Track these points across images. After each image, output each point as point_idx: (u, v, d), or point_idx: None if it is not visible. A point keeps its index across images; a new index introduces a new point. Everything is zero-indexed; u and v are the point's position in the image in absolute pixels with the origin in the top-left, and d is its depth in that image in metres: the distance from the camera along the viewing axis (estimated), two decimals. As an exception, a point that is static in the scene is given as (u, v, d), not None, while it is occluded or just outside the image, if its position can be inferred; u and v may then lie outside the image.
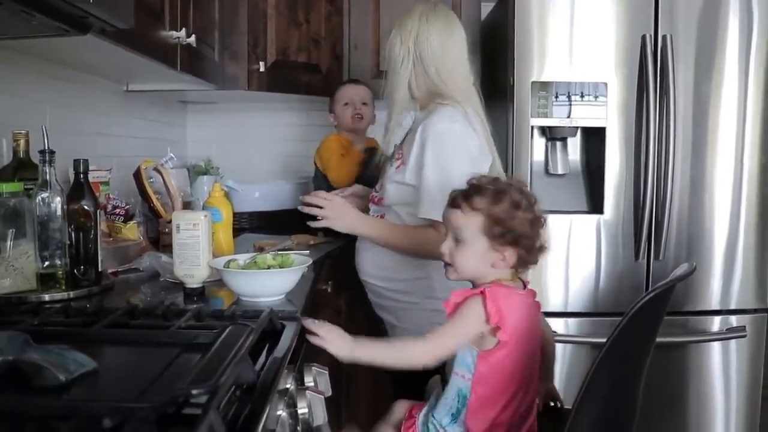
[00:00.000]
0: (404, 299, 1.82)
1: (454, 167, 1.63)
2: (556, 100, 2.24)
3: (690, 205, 2.29)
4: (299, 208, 1.78)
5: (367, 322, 2.08)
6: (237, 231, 2.44)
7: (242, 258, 1.40)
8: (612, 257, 2.29)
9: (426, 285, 1.78)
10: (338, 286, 2.14)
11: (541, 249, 1.29)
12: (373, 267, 1.87)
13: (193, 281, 1.36)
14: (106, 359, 0.93)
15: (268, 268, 1.35)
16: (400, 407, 1.47)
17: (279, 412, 0.92)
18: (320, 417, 1.05)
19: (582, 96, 2.24)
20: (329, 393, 1.10)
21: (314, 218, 1.77)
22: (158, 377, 0.84)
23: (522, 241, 1.25)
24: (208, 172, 2.73)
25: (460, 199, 1.29)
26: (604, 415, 0.92)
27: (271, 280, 1.30)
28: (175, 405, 0.70)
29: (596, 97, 2.24)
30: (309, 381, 1.08)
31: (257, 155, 3.10)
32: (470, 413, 1.27)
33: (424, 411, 1.39)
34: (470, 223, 1.26)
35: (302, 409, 1.03)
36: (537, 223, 1.27)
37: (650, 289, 2.31)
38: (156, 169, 1.84)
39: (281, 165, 3.08)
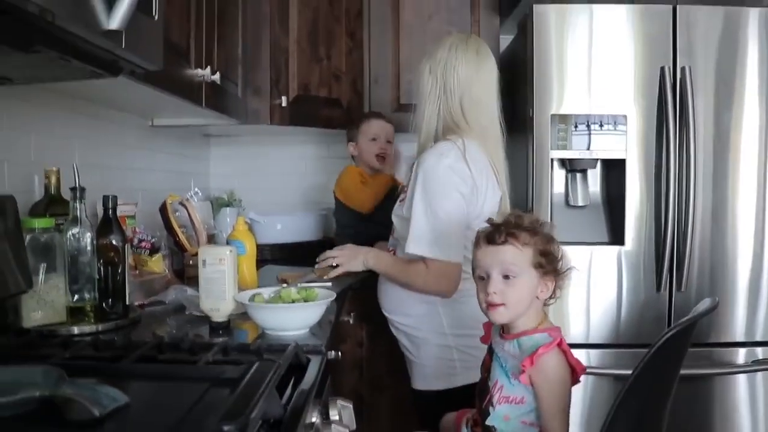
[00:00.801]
0: (416, 334, 1.85)
1: (438, 203, 1.68)
2: (576, 130, 2.25)
3: (712, 235, 2.28)
4: (316, 267, 1.95)
5: (388, 354, 2.09)
6: (260, 263, 2.47)
7: (267, 292, 1.42)
8: (633, 289, 2.28)
9: (435, 321, 1.81)
10: (360, 317, 2.16)
11: (563, 280, 1.31)
12: (389, 300, 1.90)
13: (219, 315, 1.38)
14: (136, 394, 0.94)
15: (293, 302, 1.36)
16: None
17: (305, 447, 0.93)
18: (345, 450, 1.07)
19: (601, 125, 2.25)
20: (353, 427, 1.11)
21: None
22: (188, 412, 0.85)
23: (558, 273, 1.30)
24: (231, 204, 2.77)
25: (504, 236, 1.28)
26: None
27: (295, 314, 1.32)
28: (206, 441, 0.71)
29: (615, 126, 2.25)
30: (334, 415, 1.09)
31: (278, 188, 3.13)
32: None
33: None
34: (523, 257, 1.27)
35: (328, 443, 1.05)
36: (563, 258, 1.31)
37: (673, 322, 2.34)
38: (182, 203, 1.88)
39: (302, 197, 3.12)
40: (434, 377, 1.81)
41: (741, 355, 2.31)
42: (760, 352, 2.30)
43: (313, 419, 1.01)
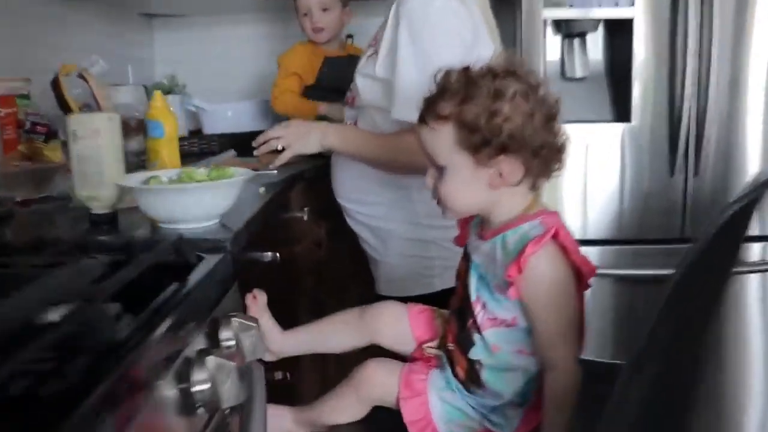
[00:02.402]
0: (382, 225, 1.51)
1: (435, 53, 1.27)
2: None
3: (731, 109, 1.91)
4: (255, 153, 1.54)
5: (354, 256, 1.76)
6: (205, 155, 2.13)
7: (168, 174, 1.07)
8: (640, 173, 1.94)
9: (407, 208, 1.46)
10: (317, 213, 1.81)
11: (560, 150, 0.93)
12: (348, 187, 1.55)
13: (100, 205, 1.04)
14: None
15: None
16: (379, 372, 1.06)
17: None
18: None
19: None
20: (258, 356, 0.78)
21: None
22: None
23: (517, 144, 0.88)
24: (173, 91, 2.38)
25: (425, 110, 0.94)
26: (662, 374, 0.63)
27: (194, 199, 0.97)
28: None
29: (622, -20, 1.85)
30: (228, 339, 0.76)
31: (230, 73, 2.73)
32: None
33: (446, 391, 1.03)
34: (441, 139, 0.91)
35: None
36: (540, 113, 0.89)
37: (689, 212, 2.00)
38: (81, 76, 1.49)
39: (257, 83, 2.71)
40: (405, 280, 1.49)
41: (755, 251, 1.99)
42: (779, 247, 1.99)
43: (191, 347, 0.69)
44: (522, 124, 0.88)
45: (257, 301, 1.13)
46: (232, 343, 0.74)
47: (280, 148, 1.50)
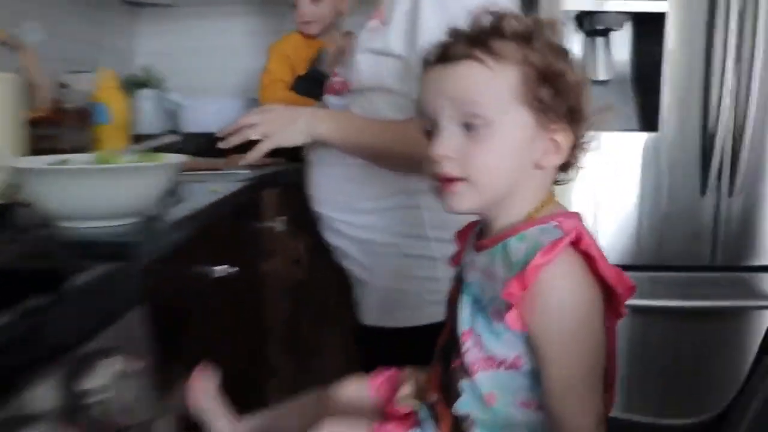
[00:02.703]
0: (377, 238, 1.21)
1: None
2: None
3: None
4: (221, 145, 1.19)
5: (342, 277, 1.51)
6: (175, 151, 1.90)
7: (81, 159, 0.83)
8: (665, 190, 1.70)
9: (411, 216, 1.18)
10: (295, 223, 1.58)
11: (588, 142, 0.72)
12: (332, 191, 1.25)
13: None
14: None
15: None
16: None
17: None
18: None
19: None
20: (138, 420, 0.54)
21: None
22: None
23: (578, 114, 0.69)
24: (148, 84, 2.15)
25: (469, 46, 0.69)
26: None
27: (98, 188, 0.72)
28: None
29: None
30: (94, 391, 0.51)
31: (216, 71, 2.50)
32: None
33: None
34: (496, 83, 0.67)
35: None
36: (587, 89, 0.70)
37: (721, 236, 1.76)
38: (5, 43, 1.25)
39: (245, 83, 2.49)
40: (404, 307, 1.20)
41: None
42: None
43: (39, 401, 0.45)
44: (582, 95, 0.69)
45: (204, 386, 0.88)
46: (100, 398, 0.50)
47: (254, 138, 1.16)
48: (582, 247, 0.64)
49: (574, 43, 1.74)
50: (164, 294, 0.77)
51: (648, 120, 1.70)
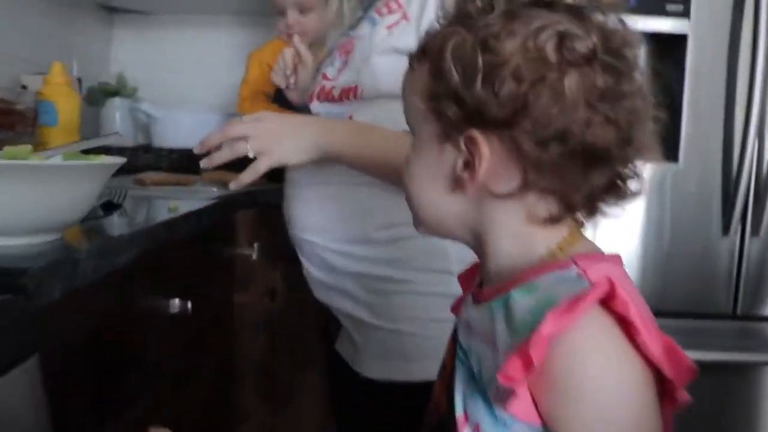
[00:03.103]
0: (383, 273, 1.00)
1: None
2: None
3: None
4: (203, 164, 0.97)
5: (320, 313, 1.32)
6: (145, 168, 1.73)
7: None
8: (686, 228, 1.55)
9: (432, 248, 0.97)
10: (272, 252, 1.40)
11: (628, 177, 0.53)
12: (324, 216, 1.03)
13: None
14: None
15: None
16: None
17: None
18: None
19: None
20: None
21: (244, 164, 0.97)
22: None
23: (525, 132, 0.49)
24: (120, 93, 1.98)
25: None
26: None
27: (12, 193, 0.54)
28: None
29: (676, -12, 1.49)
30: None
31: (196, 84, 2.34)
32: None
33: None
34: (414, 88, 0.55)
35: None
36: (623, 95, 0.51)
37: (744, 280, 1.61)
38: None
39: (226, 97, 2.32)
40: (420, 357, 0.97)
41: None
42: None
43: None
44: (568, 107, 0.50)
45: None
46: None
47: (251, 155, 0.95)
48: (616, 306, 0.46)
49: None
50: (79, 339, 0.59)
51: (667, 151, 1.54)
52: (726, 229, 1.52)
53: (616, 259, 0.53)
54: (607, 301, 0.46)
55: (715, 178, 1.53)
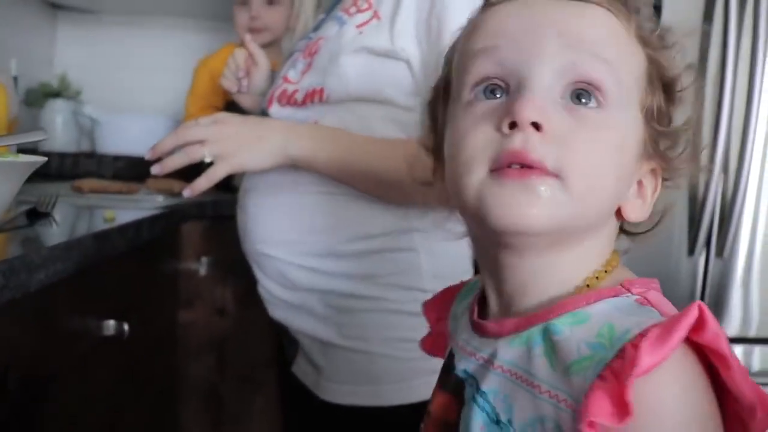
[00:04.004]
0: (348, 290, 0.92)
1: None
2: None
3: None
4: (154, 171, 0.88)
5: (273, 333, 1.22)
6: (87, 175, 1.61)
7: None
8: (652, 249, 1.51)
9: (404, 262, 0.91)
10: (222, 266, 1.31)
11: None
12: (283, 228, 0.95)
13: None
14: None
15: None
16: None
17: None
18: None
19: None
20: None
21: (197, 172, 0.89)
22: None
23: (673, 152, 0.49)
24: (61, 95, 1.86)
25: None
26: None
27: None
28: None
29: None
30: None
31: (144, 88, 2.22)
32: None
33: None
34: (632, 62, 0.46)
35: None
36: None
37: (707, 300, 1.59)
38: None
39: (176, 102, 2.21)
40: (388, 380, 0.91)
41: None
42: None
43: None
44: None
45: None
46: None
47: (208, 160, 0.87)
48: (703, 339, 0.39)
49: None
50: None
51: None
52: (691, 250, 1.50)
53: (656, 283, 0.47)
54: (690, 341, 0.39)
55: (682, 201, 1.50)
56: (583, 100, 0.44)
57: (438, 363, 0.56)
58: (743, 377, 0.40)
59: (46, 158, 0.60)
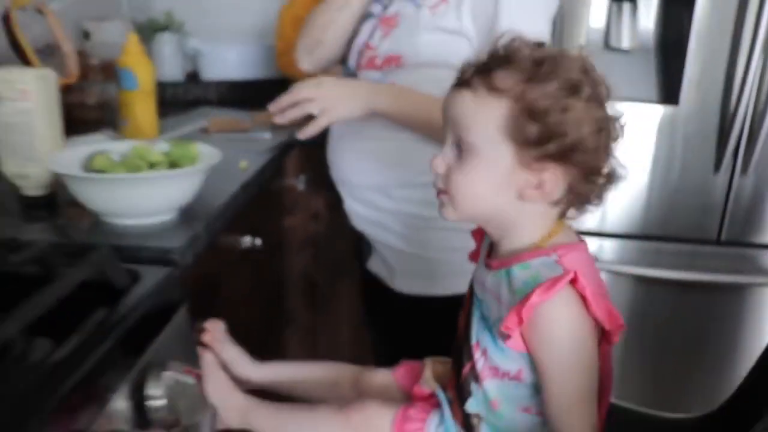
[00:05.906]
0: (419, 212, 1.22)
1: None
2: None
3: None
4: (275, 120, 1.19)
5: (354, 234, 1.56)
6: (197, 103, 1.92)
7: (118, 149, 0.87)
8: (680, 165, 1.72)
9: None
10: (315, 182, 1.62)
11: (611, 177, 0.72)
12: (372, 166, 1.24)
13: (31, 186, 0.84)
14: None
15: (152, 166, 0.82)
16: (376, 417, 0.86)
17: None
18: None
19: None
20: (194, 420, 0.60)
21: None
22: None
23: (578, 155, 0.69)
24: (168, 29, 2.14)
25: (474, 74, 0.72)
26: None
27: (143, 192, 0.77)
28: None
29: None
30: (156, 397, 0.57)
31: (238, 11, 2.45)
32: None
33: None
34: (485, 115, 0.70)
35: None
36: (607, 128, 0.70)
37: (730, 214, 1.78)
38: (39, 11, 1.26)
39: (270, 23, 2.45)
40: (445, 275, 1.22)
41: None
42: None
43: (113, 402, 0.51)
44: (589, 135, 0.68)
45: (213, 336, 0.88)
46: (162, 403, 0.56)
47: (315, 113, 1.16)
48: (578, 286, 0.67)
49: (600, 8, 1.73)
50: (199, 279, 0.83)
51: (668, 92, 1.70)
52: (717, 166, 1.70)
53: (583, 246, 0.75)
54: (572, 283, 0.68)
55: (712, 121, 1.68)
56: (461, 148, 0.73)
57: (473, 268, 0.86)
58: (599, 308, 0.68)
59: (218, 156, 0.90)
